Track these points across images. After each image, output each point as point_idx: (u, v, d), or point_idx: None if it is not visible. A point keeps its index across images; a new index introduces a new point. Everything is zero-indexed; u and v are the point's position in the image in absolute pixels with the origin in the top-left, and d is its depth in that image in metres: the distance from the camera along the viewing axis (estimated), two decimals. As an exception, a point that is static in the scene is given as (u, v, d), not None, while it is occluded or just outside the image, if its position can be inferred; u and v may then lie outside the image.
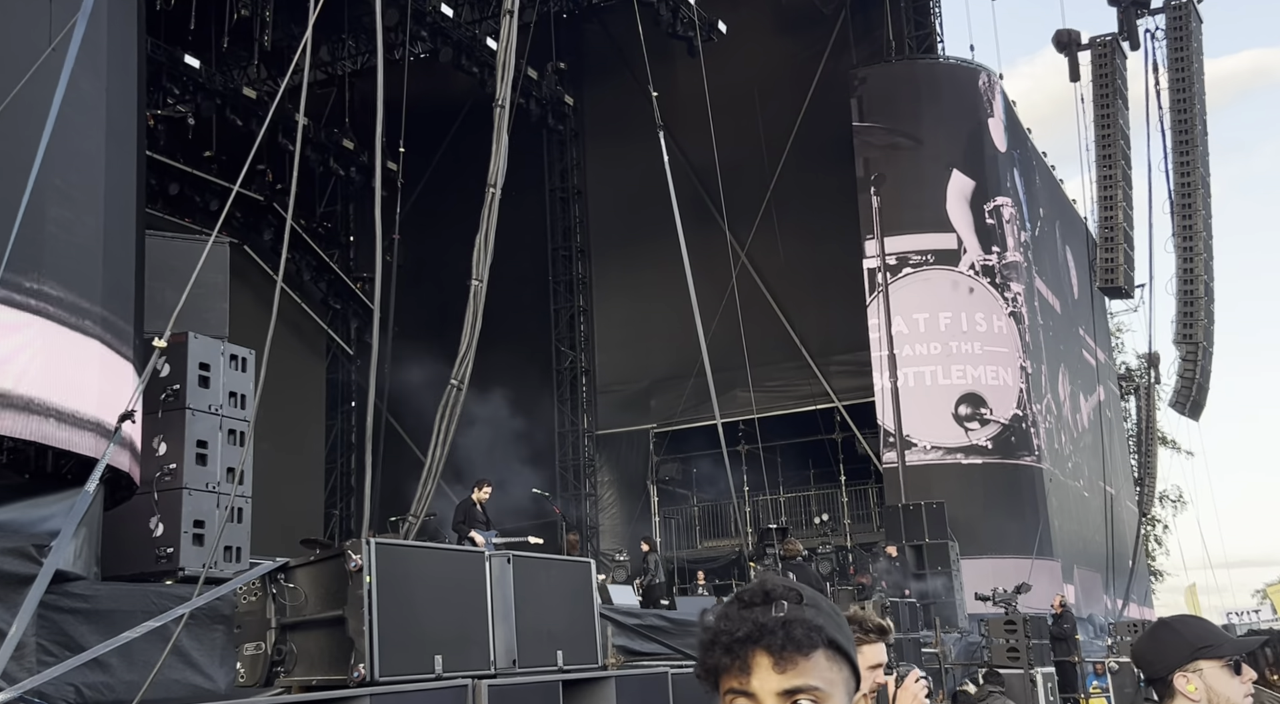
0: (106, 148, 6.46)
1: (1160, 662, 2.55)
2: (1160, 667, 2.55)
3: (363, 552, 3.89)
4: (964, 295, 20.56)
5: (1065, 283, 26.29)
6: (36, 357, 5.81)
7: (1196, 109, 18.22)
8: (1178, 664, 2.52)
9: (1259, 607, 43.89)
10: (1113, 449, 28.30)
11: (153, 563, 7.39)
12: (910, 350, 20.29)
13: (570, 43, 23.91)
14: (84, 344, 6.13)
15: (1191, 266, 18.23)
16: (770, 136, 21.88)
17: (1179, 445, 32.91)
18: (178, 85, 20.24)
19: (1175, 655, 2.53)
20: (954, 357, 20.24)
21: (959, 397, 20.14)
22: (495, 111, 7.21)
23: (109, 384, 6.30)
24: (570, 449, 24.26)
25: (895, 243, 20.68)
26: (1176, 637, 2.58)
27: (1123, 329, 37.06)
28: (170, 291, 7.65)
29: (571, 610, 5.17)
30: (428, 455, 6.51)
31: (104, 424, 6.08)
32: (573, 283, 24.84)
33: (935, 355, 20.23)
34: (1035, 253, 23.22)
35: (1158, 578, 37.19)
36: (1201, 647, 2.53)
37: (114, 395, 6.07)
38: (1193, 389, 19.58)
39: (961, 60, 21.72)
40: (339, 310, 25.41)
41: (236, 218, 21.72)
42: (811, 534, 21.78)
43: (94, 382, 6.21)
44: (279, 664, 4.11)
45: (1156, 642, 2.61)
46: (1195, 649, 2.53)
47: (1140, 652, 2.65)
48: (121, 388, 6.24)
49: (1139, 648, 2.68)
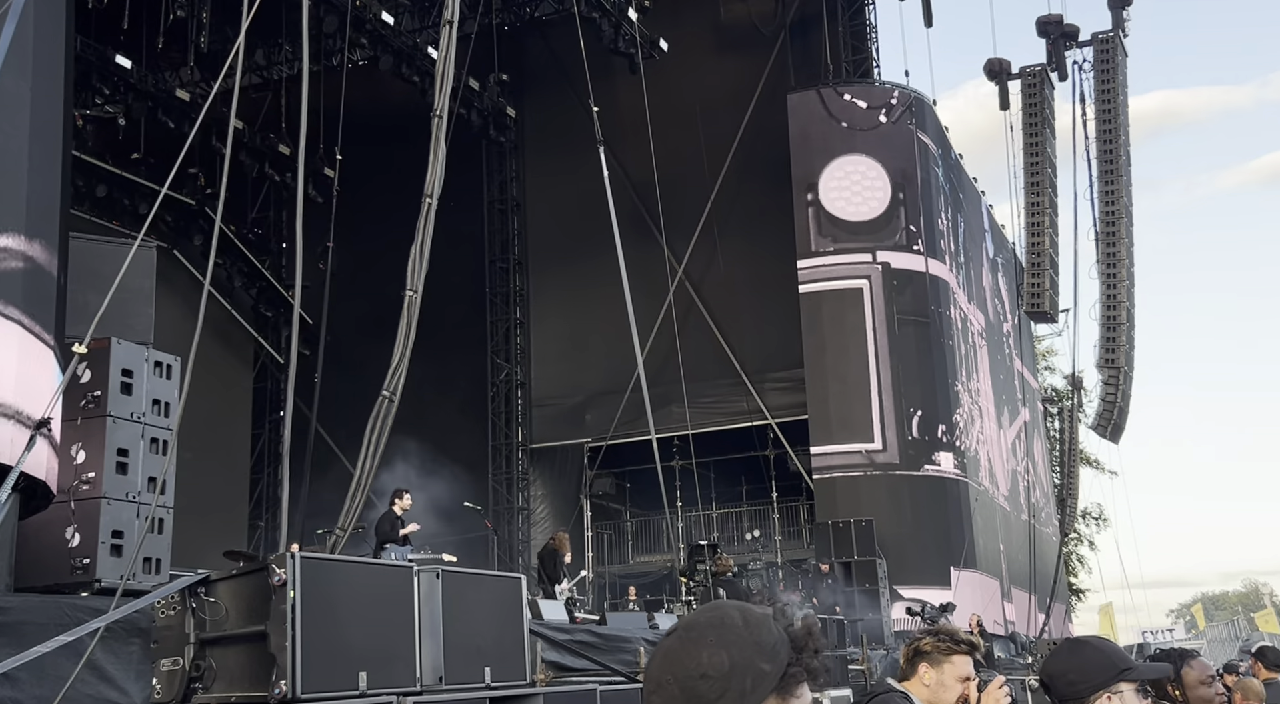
0: (30, 149, 6.29)
1: (1084, 682, 2.51)
2: (1084, 687, 2.51)
3: (287, 566, 3.82)
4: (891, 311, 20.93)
5: (994, 306, 26.87)
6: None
7: (1121, 140, 18.77)
8: (1102, 685, 2.49)
9: (1173, 626, 45.16)
10: (1036, 468, 28.93)
11: (68, 574, 7.15)
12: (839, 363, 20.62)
13: (512, 55, 23.89)
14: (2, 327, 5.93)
15: (1115, 293, 18.74)
16: (710, 154, 22.07)
17: (1102, 465, 33.77)
18: (108, 85, 19.81)
19: (1100, 676, 2.50)
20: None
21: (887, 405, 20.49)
22: (433, 121, 7.17)
23: (27, 369, 6.11)
24: (504, 462, 24.11)
25: (827, 260, 20.95)
26: (1101, 657, 2.56)
27: (1050, 352, 37.96)
28: (93, 295, 7.45)
29: (500, 626, 5.13)
30: (357, 467, 6.43)
31: (21, 412, 5.89)
32: (510, 295, 24.74)
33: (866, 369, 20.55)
34: (964, 274, 23.71)
35: (1079, 597, 38.00)
36: (1125, 669, 2.52)
37: (32, 383, 5.90)
38: (1114, 413, 20.10)
39: (896, 85, 22.14)
40: (269, 318, 24.99)
41: (166, 222, 21.28)
42: (743, 550, 21.89)
43: (11, 365, 6.01)
44: (197, 680, 4.02)
45: (1081, 660, 2.57)
46: (1119, 670, 2.51)
47: (1061, 670, 2.59)
48: (41, 376, 6.07)
49: (1057, 666, 2.62)
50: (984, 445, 23.52)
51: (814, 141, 21.37)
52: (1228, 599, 73.09)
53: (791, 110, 21.47)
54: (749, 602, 12.06)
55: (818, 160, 21.25)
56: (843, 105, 21.51)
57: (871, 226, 21.10)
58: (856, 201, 21.13)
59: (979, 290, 25.35)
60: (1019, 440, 27.42)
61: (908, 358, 20.61)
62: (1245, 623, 46.85)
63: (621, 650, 9.55)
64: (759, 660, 1.43)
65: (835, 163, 21.23)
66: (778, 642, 1.45)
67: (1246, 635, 39.49)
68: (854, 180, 21.23)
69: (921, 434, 20.37)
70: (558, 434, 23.83)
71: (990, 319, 26.17)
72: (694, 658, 1.43)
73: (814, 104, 21.53)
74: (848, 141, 21.38)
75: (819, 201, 21.08)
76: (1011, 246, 27.02)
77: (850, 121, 21.43)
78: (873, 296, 20.69)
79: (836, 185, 21.15)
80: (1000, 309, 27.50)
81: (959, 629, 3.25)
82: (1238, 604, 66.10)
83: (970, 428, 22.41)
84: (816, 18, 22.05)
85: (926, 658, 3.36)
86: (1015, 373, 28.39)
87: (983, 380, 24.33)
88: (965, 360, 22.82)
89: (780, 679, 1.43)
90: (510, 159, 25.11)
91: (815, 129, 21.41)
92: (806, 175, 21.21)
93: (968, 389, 22.62)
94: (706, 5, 23.40)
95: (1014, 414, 27.35)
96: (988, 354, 25.24)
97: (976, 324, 24.55)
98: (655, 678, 1.46)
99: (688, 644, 1.46)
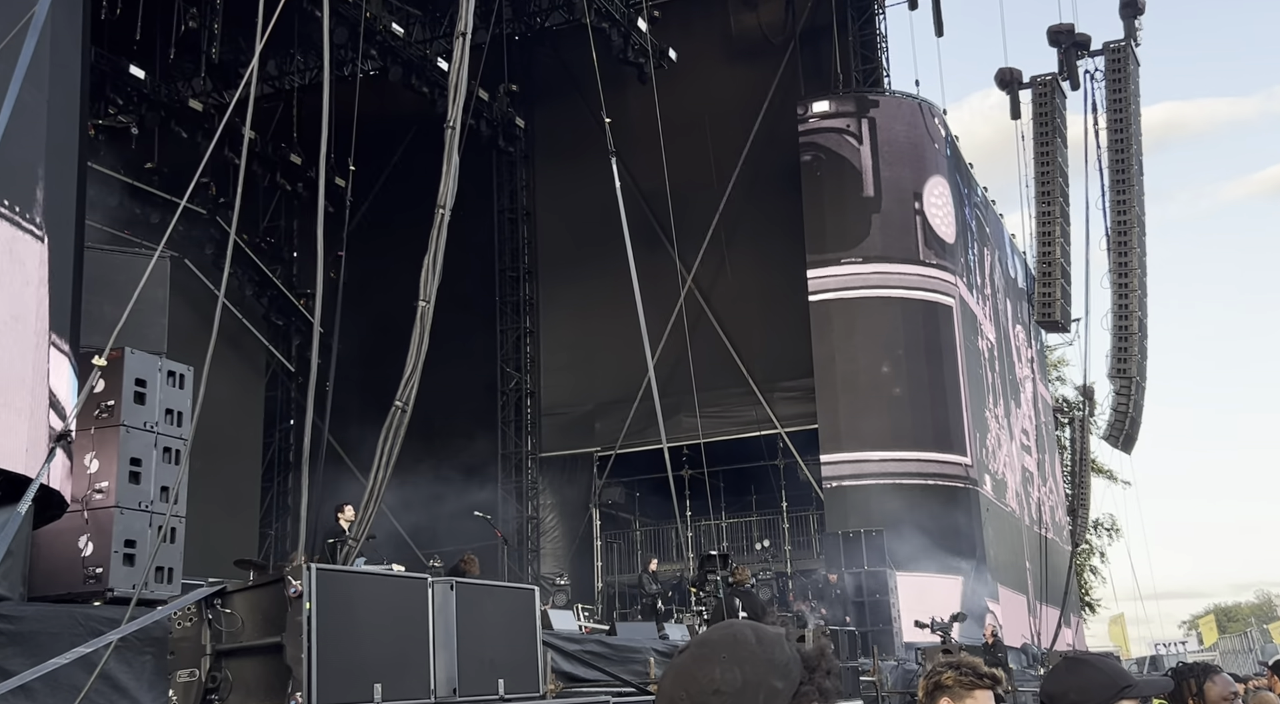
0: (46, 160, 6.33)
1: (1084, 701, 2.54)
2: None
3: (303, 577, 3.83)
4: (906, 320, 21.03)
5: (1004, 315, 26.90)
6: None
7: (1133, 149, 18.74)
8: (1103, 702, 2.52)
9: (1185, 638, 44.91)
10: (1056, 486, 28.91)
11: (81, 583, 7.18)
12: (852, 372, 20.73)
13: (522, 65, 23.97)
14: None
15: (1126, 302, 18.68)
16: (719, 163, 22.09)
17: (1115, 475, 33.65)
18: (121, 96, 19.91)
19: (1101, 694, 2.53)
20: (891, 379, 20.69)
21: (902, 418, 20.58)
22: (446, 133, 7.18)
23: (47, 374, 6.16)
24: (513, 471, 24.10)
25: (840, 270, 20.97)
26: (1102, 676, 2.58)
27: (1061, 362, 37.88)
28: (108, 306, 7.49)
29: (513, 638, 5.13)
30: (370, 477, 6.43)
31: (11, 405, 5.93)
32: (520, 304, 24.77)
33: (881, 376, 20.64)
34: (990, 305, 23.93)
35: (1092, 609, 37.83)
36: (1125, 686, 2.55)
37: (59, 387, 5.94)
38: (1125, 423, 20.02)
39: (906, 95, 22.16)
40: (281, 327, 25.06)
41: (178, 230, 21.28)
42: (753, 560, 21.82)
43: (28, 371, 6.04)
44: (213, 692, 4.02)
45: (1081, 679, 2.60)
46: (1120, 688, 2.53)
47: (1061, 691, 2.61)
48: (58, 381, 6.12)
49: (1057, 687, 2.64)
50: (1009, 470, 23.71)
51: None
52: (1240, 610, 72.65)
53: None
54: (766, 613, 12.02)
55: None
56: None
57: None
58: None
59: (1003, 320, 25.71)
60: (1045, 464, 27.67)
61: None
62: (1258, 635, 46.58)
63: (632, 661, 9.54)
64: (772, 678, 1.44)
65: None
66: (790, 660, 1.46)
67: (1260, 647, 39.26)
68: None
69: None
70: (567, 443, 23.82)
71: (1014, 346, 26.59)
72: (707, 674, 1.44)
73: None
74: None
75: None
76: (1023, 255, 27.08)
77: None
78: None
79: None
80: (1022, 335, 27.96)
81: (980, 662, 3.19)
82: (1250, 616, 65.72)
83: (998, 452, 22.57)
84: (826, 27, 22.09)
85: (948, 693, 3.22)
86: (1038, 398, 28.67)
87: (1007, 407, 24.64)
88: (991, 388, 23.13)
89: (793, 697, 1.44)
90: (520, 169, 25.17)
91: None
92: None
93: (994, 415, 22.85)
94: (716, 15, 23.45)
95: (1037, 438, 27.60)
96: (1013, 382, 25.72)
97: (1000, 353, 24.99)
98: (668, 694, 1.47)
99: (701, 661, 1.46)
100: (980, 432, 21.22)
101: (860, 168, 21.38)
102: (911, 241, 21.15)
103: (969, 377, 21.33)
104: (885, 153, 21.37)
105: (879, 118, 21.58)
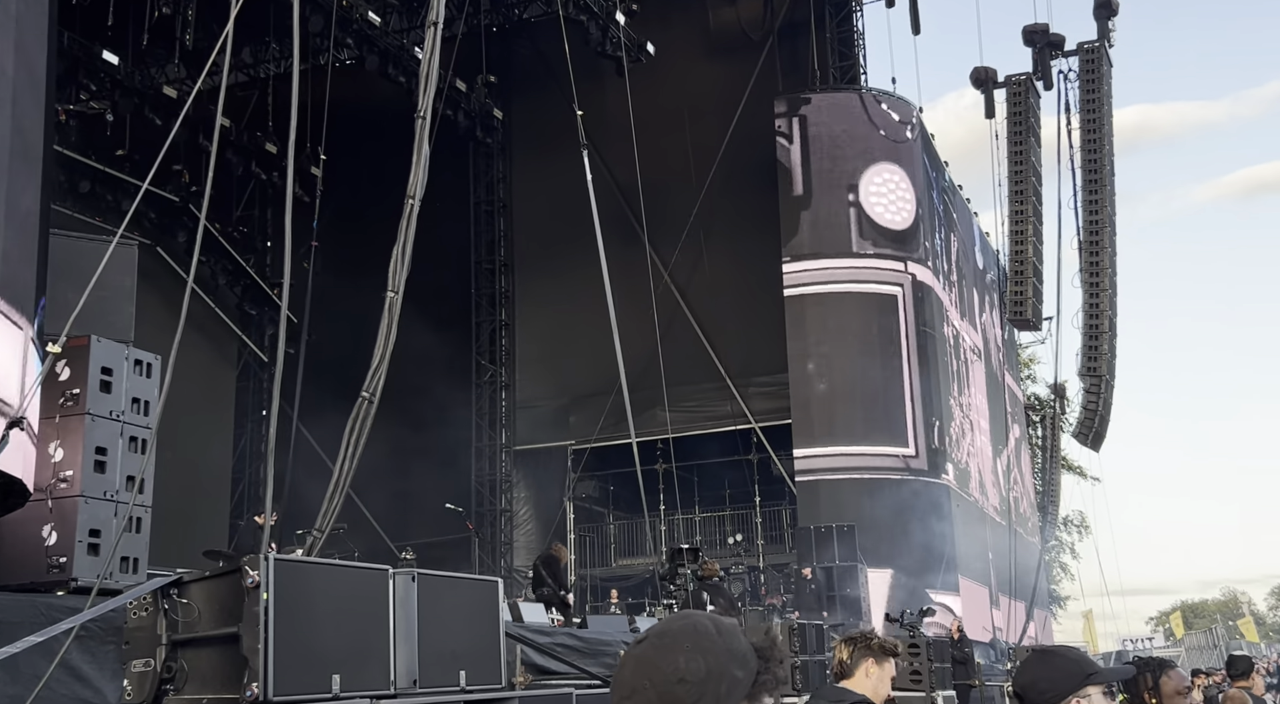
0: (10, 143, 6.27)
1: (1054, 689, 2.64)
2: (1054, 694, 2.63)
3: (260, 567, 3.81)
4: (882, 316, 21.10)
5: (984, 322, 27.10)
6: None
7: (1105, 150, 18.87)
8: (1071, 690, 2.62)
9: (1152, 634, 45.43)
10: (1024, 480, 29.10)
11: (44, 573, 7.13)
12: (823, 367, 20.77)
13: (500, 57, 23.86)
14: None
15: (1097, 302, 18.83)
16: (697, 158, 22.09)
17: (1084, 472, 33.97)
18: (94, 81, 19.70)
19: (1068, 682, 2.63)
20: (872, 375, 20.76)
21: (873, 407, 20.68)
22: (416, 123, 7.16)
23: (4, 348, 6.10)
24: (487, 464, 24.07)
25: (815, 264, 21.03)
26: (1069, 664, 2.70)
27: (1033, 361, 38.17)
28: (74, 293, 7.42)
29: (476, 629, 5.13)
30: (335, 468, 6.41)
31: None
32: (495, 297, 24.71)
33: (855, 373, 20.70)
34: (955, 292, 23.94)
35: (1061, 605, 38.19)
36: (1091, 673, 2.66)
37: (5, 359, 5.89)
38: (1095, 420, 20.20)
39: (883, 92, 22.23)
40: (254, 316, 24.89)
41: (150, 219, 21.17)
42: (725, 554, 21.91)
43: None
44: (168, 682, 4.00)
45: (1051, 669, 2.71)
46: (1087, 675, 2.64)
47: (1032, 679, 2.72)
48: (11, 356, 6.06)
49: (1029, 676, 2.75)
50: (974, 459, 23.76)
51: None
52: (1206, 607, 73.56)
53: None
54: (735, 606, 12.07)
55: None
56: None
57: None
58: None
59: (970, 308, 25.65)
60: (1012, 455, 27.73)
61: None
62: (1224, 631, 47.19)
63: (603, 654, 9.56)
64: (733, 667, 1.47)
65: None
66: (747, 650, 1.50)
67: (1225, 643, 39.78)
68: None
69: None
70: (542, 436, 23.80)
71: (982, 335, 26.57)
72: (671, 663, 1.46)
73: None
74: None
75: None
76: (996, 254, 27.23)
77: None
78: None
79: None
80: (991, 325, 27.89)
81: (897, 642, 3.81)
82: (1216, 612, 66.54)
83: (962, 440, 22.62)
84: (804, 24, 22.11)
85: (873, 655, 3.85)
86: (1004, 388, 28.67)
87: (974, 395, 24.63)
88: (957, 375, 23.10)
89: (752, 685, 1.48)
90: (497, 160, 25.09)
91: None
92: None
93: (959, 403, 22.86)
94: (694, 10, 23.43)
95: (1005, 428, 27.65)
96: (981, 370, 25.61)
97: (967, 341, 24.88)
98: (629, 683, 1.48)
99: (662, 650, 1.48)
100: (941, 420, 21.20)
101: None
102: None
103: (933, 364, 21.32)
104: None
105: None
